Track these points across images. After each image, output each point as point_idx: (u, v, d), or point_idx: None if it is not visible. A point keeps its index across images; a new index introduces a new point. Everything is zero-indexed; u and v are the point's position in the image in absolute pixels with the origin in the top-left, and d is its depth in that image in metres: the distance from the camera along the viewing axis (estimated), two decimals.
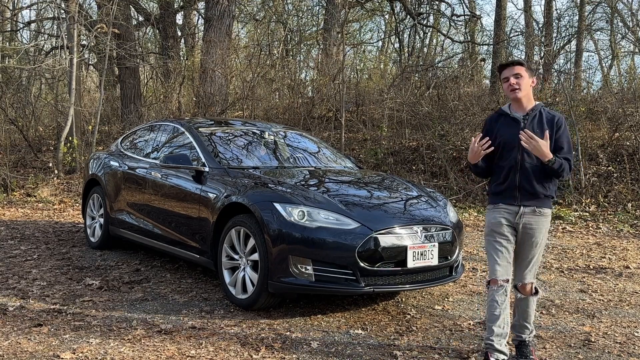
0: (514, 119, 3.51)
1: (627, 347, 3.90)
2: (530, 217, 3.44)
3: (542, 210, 3.45)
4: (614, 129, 10.84)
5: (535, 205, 3.44)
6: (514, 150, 3.45)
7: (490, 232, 3.52)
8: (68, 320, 4.12)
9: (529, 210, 3.44)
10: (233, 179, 4.79)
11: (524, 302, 3.54)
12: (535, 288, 3.53)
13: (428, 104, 12.81)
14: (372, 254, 4.10)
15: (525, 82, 3.47)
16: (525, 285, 3.49)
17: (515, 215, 3.45)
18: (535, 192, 3.43)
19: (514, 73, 3.47)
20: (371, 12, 19.96)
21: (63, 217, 8.72)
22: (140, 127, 6.90)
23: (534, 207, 3.44)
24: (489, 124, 3.62)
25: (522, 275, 3.50)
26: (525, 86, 3.48)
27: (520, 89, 3.46)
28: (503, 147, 3.49)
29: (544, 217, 3.46)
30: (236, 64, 14.80)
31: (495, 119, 3.62)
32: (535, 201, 3.44)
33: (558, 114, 3.55)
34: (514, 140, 3.43)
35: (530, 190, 3.43)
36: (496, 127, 3.56)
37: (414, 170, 11.06)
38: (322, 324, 4.18)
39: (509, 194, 3.47)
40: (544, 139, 3.33)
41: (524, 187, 3.44)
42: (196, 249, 4.97)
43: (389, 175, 6.41)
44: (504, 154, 3.49)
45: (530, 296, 3.52)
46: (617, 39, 19.89)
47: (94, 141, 11.52)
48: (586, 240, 7.46)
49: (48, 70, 14.45)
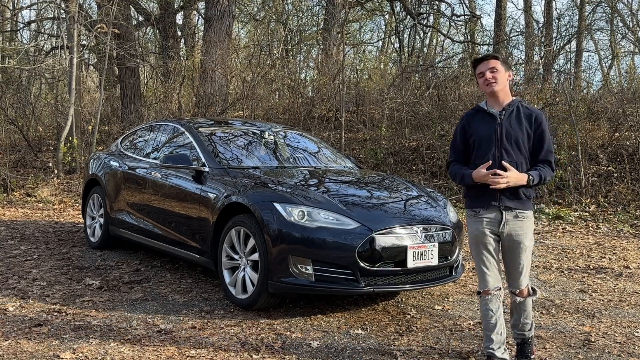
0: (490, 115, 3.39)
1: (627, 347, 3.90)
2: (514, 223, 3.33)
3: (524, 213, 3.34)
4: (614, 129, 10.84)
5: (517, 208, 3.32)
6: (490, 147, 3.33)
7: (475, 243, 3.44)
8: (68, 320, 4.12)
9: (511, 216, 3.32)
10: (233, 179, 4.79)
11: (523, 304, 3.50)
12: (532, 288, 3.51)
13: (428, 104, 12.82)
14: (372, 254, 4.10)
15: (502, 76, 3.34)
16: (522, 290, 3.45)
17: (498, 225, 3.33)
18: (516, 193, 3.31)
19: (490, 67, 3.34)
20: (371, 12, 19.97)
21: (63, 217, 8.72)
22: (140, 127, 6.90)
23: (516, 212, 3.32)
24: (465, 120, 3.49)
25: (518, 282, 3.42)
26: (501, 80, 3.34)
27: (497, 83, 3.33)
28: (479, 145, 3.38)
29: (527, 220, 3.35)
30: (236, 64, 14.81)
31: (472, 115, 3.49)
32: (516, 203, 3.31)
33: (537, 109, 3.43)
34: (490, 136, 3.33)
35: (510, 190, 3.29)
36: (473, 124, 3.44)
37: (414, 170, 11.06)
38: (322, 324, 4.18)
39: (488, 197, 3.33)
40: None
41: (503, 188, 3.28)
42: (196, 249, 4.97)
43: (389, 175, 6.41)
44: (480, 152, 3.37)
45: (529, 297, 3.49)
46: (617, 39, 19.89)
47: (94, 141, 11.52)
48: (586, 240, 7.46)
49: (48, 70, 14.45)
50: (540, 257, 6.49)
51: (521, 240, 3.34)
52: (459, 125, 3.52)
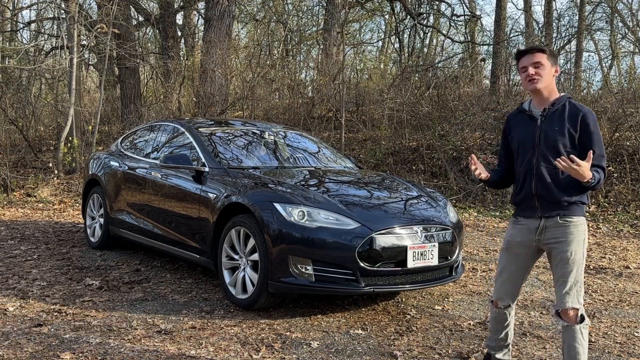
0: (530, 117, 3.05)
1: (627, 347, 3.90)
2: (555, 230, 2.94)
3: (568, 219, 2.93)
4: (614, 129, 10.83)
5: (558, 214, 2.94)
6: (528, 152, 3.01)
7: (505, 249, 3.17)
8: (68, 320, 4.12)
9: (552, 222, 2.95)
10: (233, 179, 4.79)
11: (569, 333, 2.90)
12: (582, 315, 2.90)
13: (428, 104, 12.82)
14: (372, 254, 4.10)
15: (547, 72, 2.97)
16: (567, 311, 2.88)
17: (535, 232, 3.00)
18: (556, 199, 2.93)
19: (534, 62, 2.95)
20: (371, 12, 19.97)
21: (63, 217, 8.72)
22: (140, 127, 6.90)
23: (557, 218, 2.94)
24: (508, 122, 3.20)
25: (560, 298, 2.91)
26: (546, 77, 2.97)
27: (540, 80, 2.95)
28: (518, 150, 3.08)
29: (572, 226, 2.92)
30: (236, 64, 14.80)
31: (514, 116, 3.18)
32: (558, 210, 2.94)
33: (586, 108, 2.96)
34: (529, 141, 3.00)
35: (549, 198, 2.95)
36: (514, 127, 3.13)
37: (414, 170, 11.06)
38: (322, 324, 4.18)
39: (527, 205, 3.03)
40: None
41: (542, 195, 2.96)
42: (196, 249, 4.97)
43: (389, 175, 6.41)
44: (519, 157, 3.07)
45: (576, 325, 2.88)
46: (617, 39, 19.89)
47: (94, 141, 11.52)
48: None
49: (48, 71, 14.45)
50: (540, 257, 6.48)
51: (564, 248, 2.92)
52: (503, 129, 3.24)
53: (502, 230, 8.09)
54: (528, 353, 3.76)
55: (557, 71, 3.04)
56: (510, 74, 13.90)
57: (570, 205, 2.95)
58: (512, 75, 13.67)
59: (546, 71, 2.97)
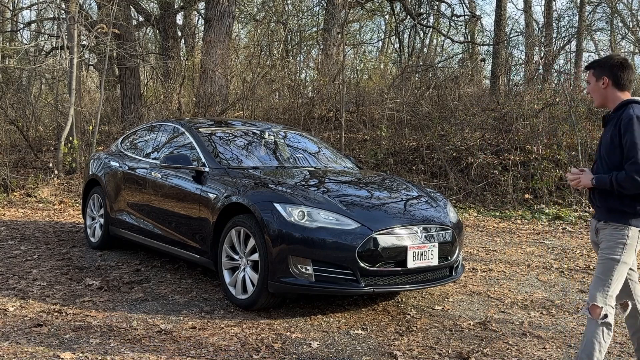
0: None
1: (627, 347, 3.90)
2: (600, 233, 3.07)
3: (607, 225, 3.03)
4: None
5: (604, 219, 3.05)
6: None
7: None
8: (68, 321, 4.12)
9: (599, 225, 3.09)
10: (233, 179, 4.79)
11: (590, 327, 3.00)
12: (605, 315, 2.96)
13: (428, 104, 12.82)
14: (372, 254, 4.10)
15: (594, 89, 3.09)
16: (592, 305, 3.00)
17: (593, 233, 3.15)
18: (600, 205, 3.06)
19: (587, 80, 3.07)
20: (371, 12, 19.97)
21: (63, 217, 8.72)
22: (140, 128, 6.90)
23: (602, 222, 3.06)
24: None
25: (590, 293, 3.04)
26: (594, 94, 3.10)
27: (594, 99, 3.13)
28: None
29: (610, 227, 3.01)
30: (236, 64, 14.81)
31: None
32: (603, 215, 3.05)
33: (628, 113, 2.94)
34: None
35: (596, 203, 3.09)
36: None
37: (414, 171, 11.06)
38: (322, 324, 4.18)
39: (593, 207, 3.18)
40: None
41: (592, 199, 3.12)
42: (196, 249, 4.97)
43: (389, 175, 6.41)
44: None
45: (595, 318, 2.97)
46: (617, 39, 19.89)
47: (94, 141, 11.52)
48: (586, 241, 7.46)
49: (48, 71, 14.46)
50: (540, 257, 6.49)
51: (600, 245, 3.06)
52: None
53: (502, 230, 8.10)
54: (528, 353, 3.76)
55: (605, 81, 3.05)
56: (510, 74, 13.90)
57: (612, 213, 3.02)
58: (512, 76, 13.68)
59: (592, 88, 3.10)
